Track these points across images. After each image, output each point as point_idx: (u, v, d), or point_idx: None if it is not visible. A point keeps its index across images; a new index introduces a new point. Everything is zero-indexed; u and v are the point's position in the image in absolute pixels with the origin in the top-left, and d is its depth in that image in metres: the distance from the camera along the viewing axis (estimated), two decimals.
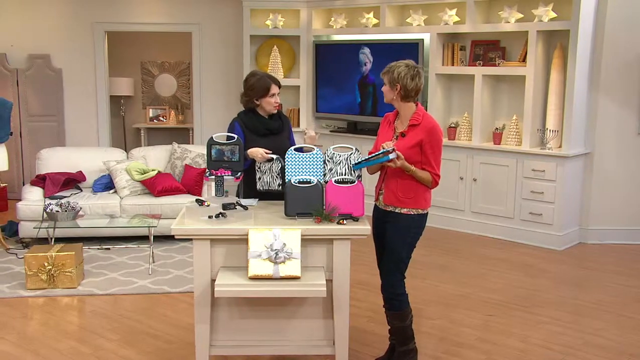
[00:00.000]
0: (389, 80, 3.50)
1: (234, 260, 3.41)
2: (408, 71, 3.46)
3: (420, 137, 3.46)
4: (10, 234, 6.43)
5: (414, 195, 3.50)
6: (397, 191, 3.51)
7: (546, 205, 6.25)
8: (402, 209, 3.52)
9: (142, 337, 4.22)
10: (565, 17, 6.13)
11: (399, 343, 3.70)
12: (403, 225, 3.53)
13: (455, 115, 7.07)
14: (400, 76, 3.45)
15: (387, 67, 3.52)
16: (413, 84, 3.46)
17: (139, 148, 7.22)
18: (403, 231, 3.54)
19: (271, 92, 3.98)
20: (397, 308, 3.61)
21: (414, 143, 3.46)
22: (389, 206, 3.57)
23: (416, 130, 3.48)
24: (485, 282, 5.31)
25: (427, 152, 3.47)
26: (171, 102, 10.26)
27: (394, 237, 3.55)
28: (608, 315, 4.65)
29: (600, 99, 6.31)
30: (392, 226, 3.55)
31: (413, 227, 3.55)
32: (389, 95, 3.54)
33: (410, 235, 3.55)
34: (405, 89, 3.47)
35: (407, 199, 3.50)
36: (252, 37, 8.04)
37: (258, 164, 3.84)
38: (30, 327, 4.39)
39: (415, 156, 3.46)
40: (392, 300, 3.61)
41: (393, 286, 3.59)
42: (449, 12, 6.80)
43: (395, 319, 3.65)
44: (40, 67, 8.11)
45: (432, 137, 3.47)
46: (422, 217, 3.57)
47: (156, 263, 5.65)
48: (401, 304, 3.60)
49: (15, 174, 7.99)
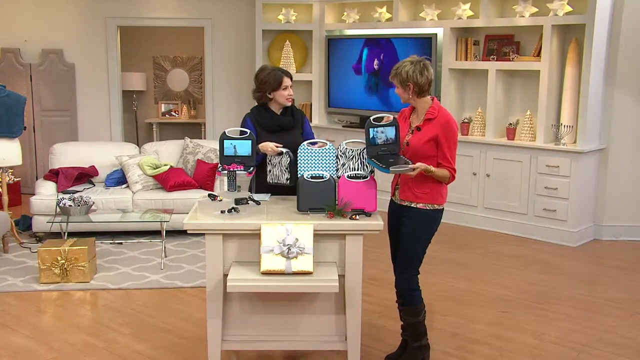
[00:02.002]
0: (400, 81, 3.48)
1: (246, 255, 3.40)
2: (415, 67, 3.44)
3: (435, 131, 3.45)
4: (24, 228, 6.47)
5: (430, 191, 3.49)
6: (414, 186, 3.50)
7: (560, 202, 6.19)
8: (417, 204, 3.50)
9: (155, 331, 4.23)
10: (581, 11, 6.07)
11: (412, 339, 3.69)
12: (418, 220, 3.51)
13: (468, 110, 7.02)
14: (409, 74, 3.43)
15: (394, 70, 3.50)
16: (424, 79, 3.45)
17: (151, 143, 7.24)
18: (418, 226, 3.52)
19: (284, 84, 3.97)
20: (410, 304, 3.60)
21: (429, 137, 3.45)
22: (404, 201, 3.55)
23: (431, 124, 3.47)
24: (499, 278, 5.27)
25: (443, 146, 3.45)
26: (183, 97, 10.28)
27: (409, 232, 3.53)
28: (623, 312, 4.60)
29: (616, 94, 6.24)
30: (407, 221, 3.53)
31: (428, 222, 3.53)
32: (404, 96, 3.52)
33: (425, 230, 3.54)
34: (418, 85, 3.45)
35: (423, 194, 3.49)
36: (265, 31, 8.02)
37: (269, 157, 3.84)
38: (43, 321, 4.41)
39: (430, 150, 3.45)
40: (405, 295, 3.60)
41: (407, 281, 3.58)
42: (462, 6, 6.74)
43: (409, 315, 3.63)
44: (53, 62, 8.14)
45: (447, 131, 3.45)
46: (438, 213, 3.55)
47: (168, 258, 5.67)
48: (414, 300, 3.59)
49: (28, 168, 8.04)
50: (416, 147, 3.45)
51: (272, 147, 3.80)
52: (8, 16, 8.12)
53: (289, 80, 4.00)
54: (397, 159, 3.41)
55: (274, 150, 3.79)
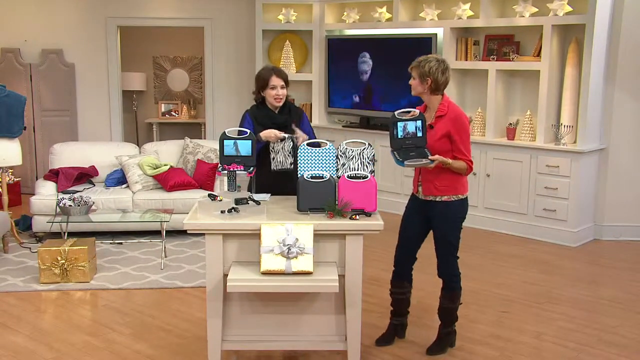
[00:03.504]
0: (420, 74, 3.62)
1: (246, 255, 3.40)
2: (439, 65, 3.60)
3: (447, 128, 3.60)
4: (24, 228, 6.46)
5: (450, 183, 3.67)
6: (435, 181, 3.67)
7: (560, 202, 6.19)
8: (442, 197, 3.68)
9: (155, 331, 4.23)
10: (581, 10, 6.06)
11: (445, 324, 3.90)
12: (446, 213, 3.70)
13: (468, 110, 7.01)
14: (432, 70, 3.58)
15: (417, 62, 3.65)
16: (444, 78, 3.61)
17: (151, 143, 7.24)
18: (447, 218, 3.71)
19: (271, 83, 3.99)
20: (454, 288, 3.83)
21: (441, 135, 3.60)
22: (429, 196, 3.71)
23: (443, 121, 3.62)
24: (499, 278, 5.27)
25: (457, 140, 3.61)
26: (183, 97, 10.28)
27: (441, 224, 3.72)
28: (623, 312, 4.60)
29: (616, 94, 6.24)
30: (437, 215, 3.71)
31: (454, 213, 3.72)
32: (419, 89, 3.67)
33: (454, 220, 3.73)
34: (436, 82, 3.60)
35: (443, 187, 3.67)
36: (265, 31, 8.02)
37: (272, 145, 3.89)
38: (43, 321, 4.41)
39: (444, 146, 3.61)
40: (450, 282, 3.82)
41: (450, 268, 3.80)
42: (462, 6, 6.74)
43: (448, 300, 3.84)
44: (53, 62, 8.14)
45: (458, 126, 3.61)
46: (463, 202, 3.74)
47: (168, 258, 5.66)
48: (458, 284, 3.83)
49: (28, 168, 8.03)
50: (430, 144, 3.58)
51: (275, 134, 3.87)
52: (8, 16, 8.12)
53: (278, 80, 4.01)
54: (420, 153, 3.51)
55: (277, 136, 3.85)
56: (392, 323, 4.03)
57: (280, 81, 4.01)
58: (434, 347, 3.90)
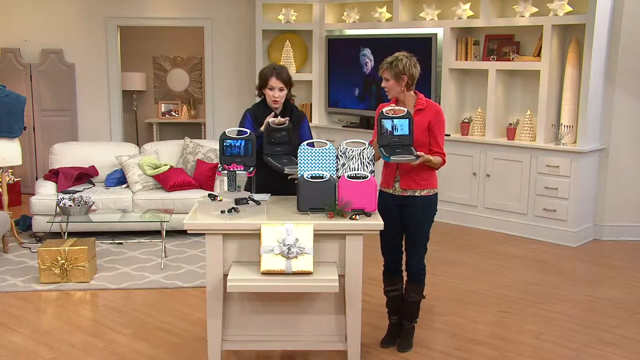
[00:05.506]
0: (395, 74, 3.67)
1: (246, 255, 3.40)
2: (409, 61, 3.67)
3: (428, 118, 3.67)
4: (24, 228, 6.46)
5: (429, 177, 3.75)
6: (415, 175, 3.71)
7: (560, 202, 6.19)
8: (421, 192, 3.74)
9: (155, 331, 4.23)
10: (581, 11, 6.06)
11: (410, 318, 3.95)
12: (426, 206, 3.76)
13: (468, 110, 7.02)
14: (406, 67, 3.65)
15: (387, 63, 3.73)
16: (416, 71, 3.70)
17: (151, 143, 7.23)
18: (426, 211, 3.77)
19: (269, 84, 3.93)
20: (421, 281, 3.89)
21: (423, 127, 3.66)
22: (407, 191, 3.74)
23: (423, 113, 3.69)
24: (499, 278, 5.27)
25: (435, 132, 3.69)
26: (183, 97, 10.27)
27: (419, 217, 3.76)
28: (623, 312, 4.60)
29: (616, 94, 6.24)
30: (414, 209, 3.75)
31: (432, 207, 3.81)
32: (396, 89, 3.73)
33: (430, 213, 3.81)
34: (412, 77, 3.68)
35: (423, 181, 3.73)
36: (265, 31, 8.02)
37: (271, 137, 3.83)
38: (43, 321, 4.41)
39: (424, 138, 3.67)
40: (419, 274, 3.88)
41: (421, 262, 3.87)
42: (462, 6, 6.74)
43: (416, 293, 3.90)
44: (53, 62, 8.13)
45: (439, 117, 3.71)
46: (436, 197, 3.85)
47: (168, 258, 5.66)
48: (423, 278, 3.90)
49: (28, 168, 8.03)
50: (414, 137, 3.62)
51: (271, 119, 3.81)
52: (8, 16, 8.11)
53: (277, 82, 3.91)
54: (405, 150, 3.57)
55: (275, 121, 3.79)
56: (391, 322, 4.04)
57: (279, 83, 3.90)
58: (403, 343, 3.93)
